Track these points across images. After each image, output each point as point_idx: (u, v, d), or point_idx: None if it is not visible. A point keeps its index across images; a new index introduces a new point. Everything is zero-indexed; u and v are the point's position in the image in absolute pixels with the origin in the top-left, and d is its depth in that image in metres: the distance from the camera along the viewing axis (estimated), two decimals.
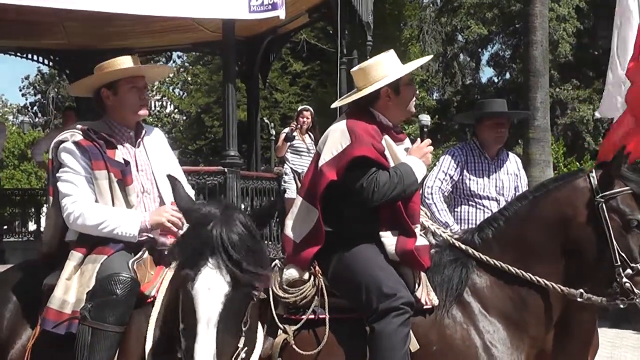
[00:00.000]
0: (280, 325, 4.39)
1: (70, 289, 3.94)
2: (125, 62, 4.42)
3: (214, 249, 3.20)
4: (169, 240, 4.12)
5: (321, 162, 4.48)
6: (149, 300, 3.89)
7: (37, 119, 51.55)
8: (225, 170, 9.99)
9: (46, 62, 15.15)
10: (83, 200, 4.11)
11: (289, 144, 12.04)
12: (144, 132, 4.50)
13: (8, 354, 4.10)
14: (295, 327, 4.36)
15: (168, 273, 3.93)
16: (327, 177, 4.38)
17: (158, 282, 3.95)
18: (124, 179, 4.19)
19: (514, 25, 36.82)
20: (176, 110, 46.36)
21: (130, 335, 3.83)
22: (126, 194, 4.19)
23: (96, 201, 4.15)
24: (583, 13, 34.62)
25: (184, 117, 44.20)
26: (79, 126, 4.33)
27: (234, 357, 3.26)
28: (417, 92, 4.79)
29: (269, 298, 4.39)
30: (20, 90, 53.79)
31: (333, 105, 5.48)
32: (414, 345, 4.30)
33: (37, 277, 4.16)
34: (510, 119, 6.71)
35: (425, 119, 5.19)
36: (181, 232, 4.10)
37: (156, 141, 4.56)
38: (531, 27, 15.98)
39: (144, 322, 3.83)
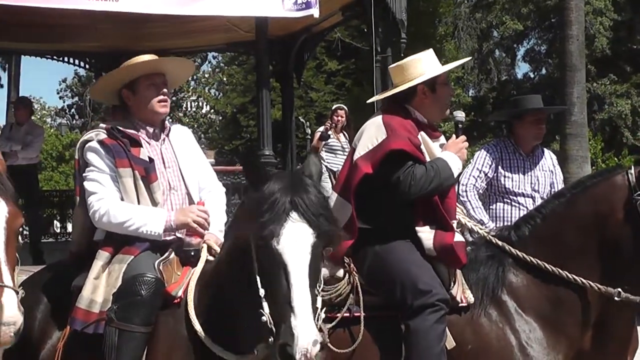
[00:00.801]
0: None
1: (99, 288, 3.96)
2: (142, 57, 4.43)
3: (293, 206, 3.30)
4: (195, 241, 4.11)
5: (356, 156, 4.50)
6: (176, 301, 3.88)
7: (74, 121, 52.05)
8: None
9: (83, 64, 15.28)
10: (108, 198, 4.11)
11: (324, 142, 12.06)
12: (169, 128, 4.49)
13: (40, 354, 4.12)
14: (330, 325, 4.35)
15: (195, 273, 3.94)
16: (362, 171, 4.39)
17: (185, 283, 3.93)
18: (148, 176, 4.18)
19: (549, 19, 36.47)
20: (212, 110, 46.61)
21: (158, 335, 3.82)
22: (151, 192, 4.18)
23: (122, 199, 4.15)
24: (620, 6, 34.20)
25: (220, 118, 44.38)
26: (103, 125, 4.35)
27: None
28: (453, 90, 4.79)
29: None
30: (58, 93, 54.31)
31: (369, 101, 5.49)
32: (450, 343, 4.29)
33: (67, 278, 4.17)
34: (547, 114, 6.65)
35: (460, 115, 5.18)
36: (206, 228, 4.14)
37: (183, 138, 4.54)
38: (567, 21, 15.81)
39: (171, 322, 3.84)
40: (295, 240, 3.28)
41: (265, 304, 3.25)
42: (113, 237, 4.12)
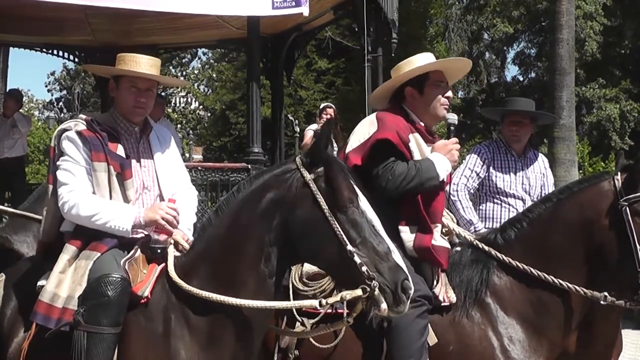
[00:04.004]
0: (299, 318, 4.39)
1: (63, 282, 3.88)
2: (139, 61, 4.34)
3: (350, 173, 3.77)
4: (162, 237, 4.06)
5: (348, 149, 4.50)
6: (143, 300, 3.82)
7: (62, 115, 51.91)
8: (249, 167, 9.98)
9: (72, 58, 15.15)
10: (79, 190, 4.04)
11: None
12: (150, 128, 4.44)
13: (7, 353, 4.03)
14: (313, 321, 4.35)
15: (169, 265, 3.87)
16: (351, 162, 4.37)
17: (151, 282, 3.87)
18: (123, 173, 4.13)
19: (540, 23, 36.59)
20: (201, 106, 46.57)
21: (130, 336, 3.76)
22: (124, 188, 4.13)
23: (94, 193, 4.08)
24: (610, 11, 34.31)
25: (209, 114, 44.35)
26: (82, 116, 4.29)
27: None
28: (451, 95, 4.73)
29: (288, 291, 4.41)
30: (46, 86, 54.25)
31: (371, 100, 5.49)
32: (432, 339, 4.30)
33: (39, 274, 4.07)
34: (533, 119, 6.62)
35: (452, 117, 5.16)
36: (176, 229, 4.11)
37: (162, 139, 4.49)
38: (557, 25, 15.87)
39: (143, 321, 3.79)
40: (367, 200, 3.69)
41: (357, 257, 3.51)
42: (81, 231, 4.05)
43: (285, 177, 3.73)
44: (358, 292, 3.50)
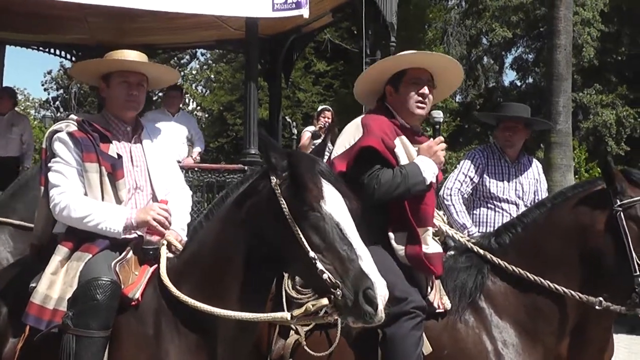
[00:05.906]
0: (293, 326, 4.37)
1: (55, 284, 3.86)
2: (127, 55, 4.35)
3: (321, 174, 3.52)
4: (155, 238, 4.01)
5: (333, 155, 4.46)
6: (134, 303, 3.79)
7: (59, 114, 51.79)
8: (246, 168, 9.99)
9: (69, 57, 15.12)
10: (71, 191, 4.02)
11: (313, 141, 12.05)
12: (142, 128, 4.43)
13: (2, 353, 4.01)
14: (307, 328, 4.33)
15: (161, 268, 3.84)
16: (337, 168, 4.30)
17: (142, 284, 3.84)
18: (114, 173, 4.11)
19: (538, 29, 36.62)
20: (198, 107, 46.49)
21: (121, 339, 3.73)
22: (116, 189, 4.11)
23: (85, 194, 4.06)
24: (607, 17, 34.34)
25: (206, 115, 44.28)
26: (74, 117, 4.28)
27: None
28: (426, 92, 4.60)
29: (281, 299, 4.37)
30: (43, 85, 54.02)
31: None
32: (426, 349, 4.29)
33: (33, 275, 4.03)
34: (528, 124, 6.62)
35: (438, 115, 5.13)
36: (168, 230, 4.06)
37: (155, 138, 4.48)
38: (555, 30, 15.87)
39: (134, 323, 3.76)
40: (338, 201, 3.48)
41: (319, 264, 3.34)
42: (73, 232, 4.03)
43: (259, 183, 3.67)
44: (324, 301, 3.38)
